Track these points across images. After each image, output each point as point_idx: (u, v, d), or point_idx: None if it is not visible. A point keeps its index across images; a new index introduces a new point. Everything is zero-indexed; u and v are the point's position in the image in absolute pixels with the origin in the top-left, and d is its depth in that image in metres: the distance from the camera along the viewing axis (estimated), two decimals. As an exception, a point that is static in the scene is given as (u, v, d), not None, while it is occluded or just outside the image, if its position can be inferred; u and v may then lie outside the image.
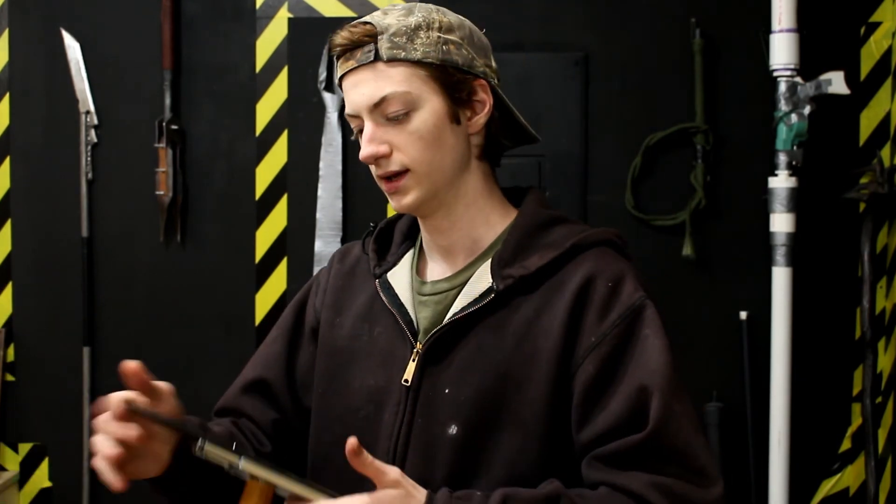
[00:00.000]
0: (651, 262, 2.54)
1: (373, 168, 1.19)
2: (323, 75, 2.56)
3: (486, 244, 1.23)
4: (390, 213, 2.55)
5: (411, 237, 1.31)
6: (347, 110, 1.19)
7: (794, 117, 2.40)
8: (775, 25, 2.39)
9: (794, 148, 2.41)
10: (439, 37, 1.17)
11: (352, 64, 1.16)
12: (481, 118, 1.21)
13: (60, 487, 2.66)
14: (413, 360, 1.18)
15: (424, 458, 1.16)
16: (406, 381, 1.18)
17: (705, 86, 2.50)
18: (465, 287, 1.19)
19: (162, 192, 2.58)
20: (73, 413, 2.62)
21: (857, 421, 2.55)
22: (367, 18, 1.18)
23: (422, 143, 1.16)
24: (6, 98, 2.63)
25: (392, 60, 1.15)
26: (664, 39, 2.54)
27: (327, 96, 2.58)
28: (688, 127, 2.51)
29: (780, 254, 2.43)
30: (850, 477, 2.56)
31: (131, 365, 1.11)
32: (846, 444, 2.56)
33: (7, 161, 2.64)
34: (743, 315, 2.52)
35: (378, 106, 1.15)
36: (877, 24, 2.52)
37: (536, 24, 2.56)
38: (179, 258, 2.63)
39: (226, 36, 2.61)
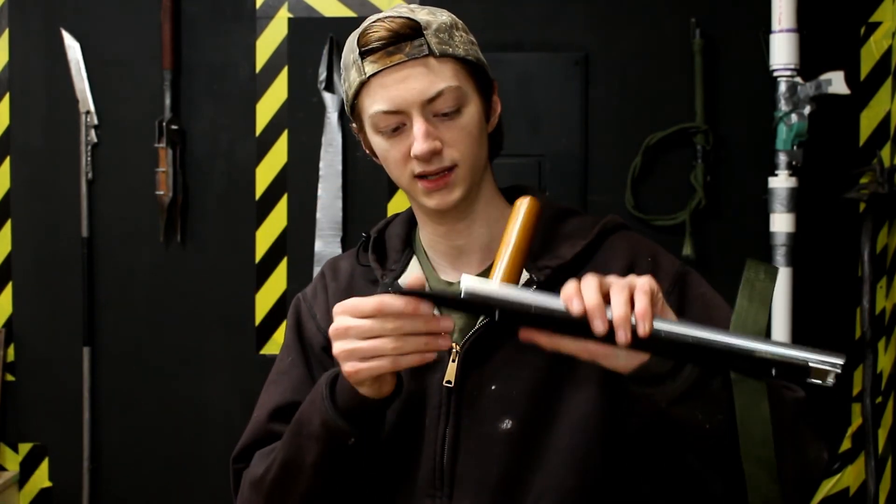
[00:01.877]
0: (651, 262, 2.54)
1: (417, 166, 1.16)
2: (323, 75, 2.56)
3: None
4: (390, 213, 2.55)
5: (409, 244, 1.29)
6: (387, 107, 1.15)
7: (794, 117, 2.40)
8: (775, 25, 2.39)
9: (794, 148, 2.41)
10: (467, 36, 1.20)
11: (400, 58, 1.14)
12: (496, 118, 1.24)
13: (60, 487, 2.66)
14: (453, 361, 1.18)
15: (477, 456, 1.16)
16: (448, 382, 1.17)
17: (705, 86, 2.50)
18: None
19: (162, 192, 2.58)
20: (73, 413, 2.62)
21: (857, 421, 2.55)
22: (395, 14, 1.16)
23: (470, 140, 1.17)
24: (6, 98, 2.63)
25: (443, 56, 1.15)
26: (664, 39, 2.54)
27: (327, 96, 2.57)
28: (688, 127, 2.51)
29: (780, 254, 2.43)
30: (850, 477, 2.56)
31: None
32: (846, 444, 2.56)
33: (7, 161, 2.64)
34: (743, 315, 2.52)
35: (431, 101, 1.14)
36: (877, 24, 2.52)
37: (536, 24, 2.56)
38: (179, 258, 2.63)
39: (226, 36, 2.61)
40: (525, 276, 1.18)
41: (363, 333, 1.04)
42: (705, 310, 1.17)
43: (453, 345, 1.17)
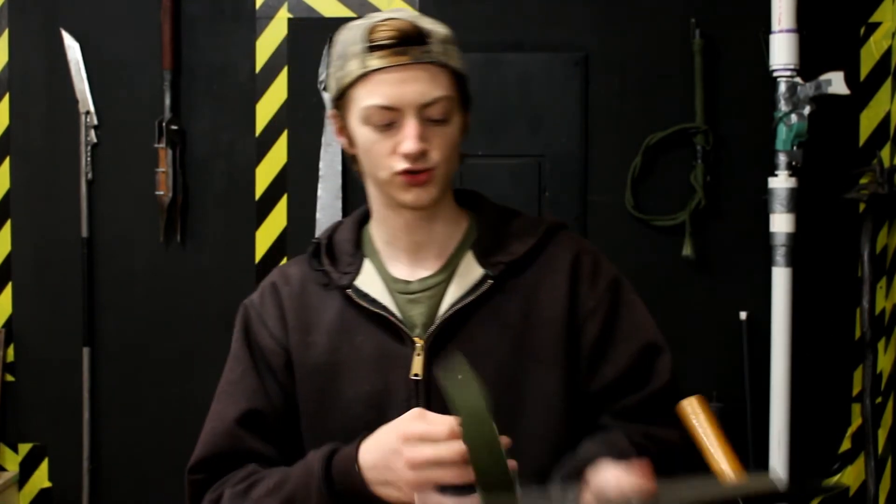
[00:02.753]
0: (651, 262, 2.54)
1: (402, 163, 1.20)
2: (323, 75, 2.56)
3: (457, 239, 1.30)
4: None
5: (359, 247, 1.33)
6: (385, 102, 1.19)
7: (794, 117, 2.40)
8: (775, 25, 2.39)
9: (794, 148, 2.41)
10: (460, 52, 1.26)
11: (406, 59, 1.18)
12: (466, 134, 1.30)
13: (60, 487, 2.66)
14: (418, 355, 1.23)
15: None
16: (416, 375, 1.22)
17: (705, 86, 2.50)
18: (455, 279, 1.27)
19: (162, 192, 2.58)
20: (73, 413, 2.62)
21: (857, 421, 2.55)
22: (403, 17, 1.21)
23: (451, 148, 1.23)
24: (6, 98, 2.63)
25: (444, 66, 1.22)
26: (664, 39, 2.54)
27: (327, 96, 2.57)
28: (688, 127, 2.51)
29: (780, 254, 2.43)
30: (850, 477, 2.56)
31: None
32: (846, 444, 2.56)
33: (7, 161, 2.64)
34: (743, 315, 2.52)
35: (427, 106, 1.19)
36: (877, 24, 2.52)
37: (536, 24, 2.56)
38: (179, 258, 2.62)
39: (226, 36, 2.61)
40: (480, 271, 1.26)
41: (439, 460, 1.06)
42: (632, 313, 1.29)
43: (416, 340, 1.23)
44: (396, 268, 1.30)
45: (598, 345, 1.26)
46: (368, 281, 1.28)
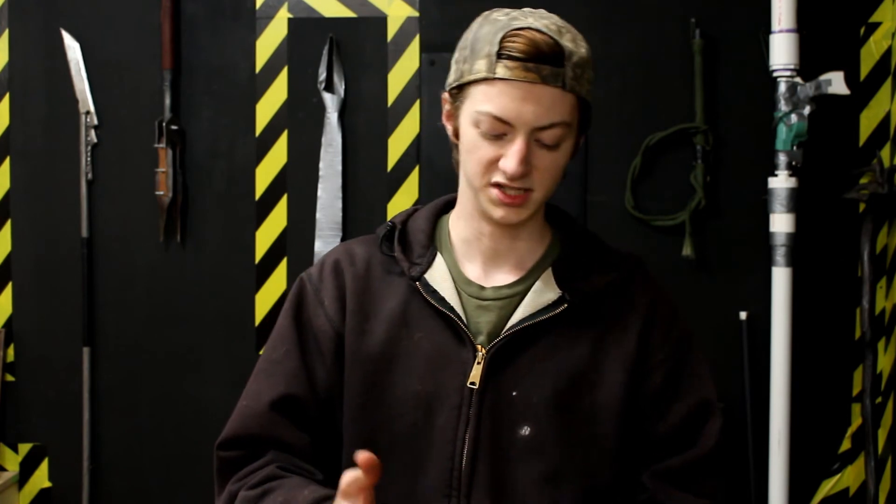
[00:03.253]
0: (651, 262, 2.52)
1: (499, 176, 1.17)
2: (323, 75, 2.56)
3: (538, 255, 1.28)
4: (390, 214, 2.55)
5: (432, 239, 1.30)
6: (500, 114, 1.15)
7: (793, 117, 2.40)
8: (775, 25, 2.39)
9: (794, 148, 2.41)
10: (593, 75, 1.22)
11: (535, 78, 1.14)
12: (574, 156, 1.27)
13: (60, 487, 2.66)
14: (478, 364, 1.20)
15: (497, 459, 1.18)
16: (472, 383, 1.19)
17: (705, 86, 2.50)
18: (529, 295, 1.23)
19: (162, 193, 2.58)
20: (73, 413, 2.62)
21: (857, 421, 2.55)
22: (546, 31, 1.16)
23: (555, 173, 1.20)
24: (6, 98, 2.63)
25: (571, 91, 1.17)
26: (664, 39, 2.54)
27: (327, 96, 2.57)
28: (688, 127, 2.51)
29: (780, 254, 2.43)
30: (850, 477, 2.56)
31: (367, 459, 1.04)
32: (846, 445, 2.56)
33: (7, 161, 2.64)
34: (743, 315, 2.52)
35: (542, 129, 1.16)
36: (877, 25, 2.52)
37: (536, 24, 2.56)
38: (179, 258, 2.63)
39: (226, 36, 2.61)
40: (557, 292, 1.23)
41: None
42: (697, 373, 1.27)
43: (479, 347, 1.20)
44: (470, 269, 1.27)
45: (657, 397, 1.24)
46: (439, 277, 1.25)
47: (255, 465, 1.24)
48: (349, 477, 1.02)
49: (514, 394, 1.19)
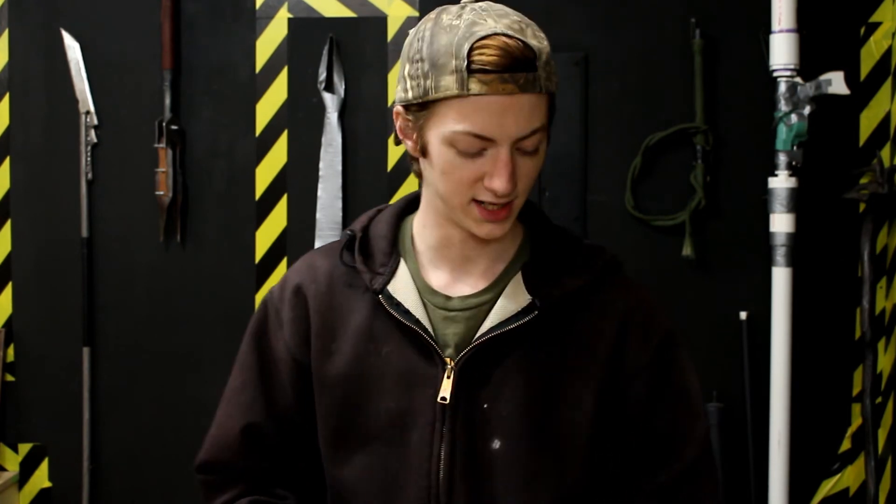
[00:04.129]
0: (651, 262, 2.54)
1: (485, 194, 1.10)
2: (323, 75, 2.56)
3: (508, 258, 1.22)
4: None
5: (395, 245, 1.23)
6: (477, 131, 1.07)
7: (794, 117, 2.40)
8: (775, 25, 2.39)
9: (794, 148, 2.41)
10: (555, 65, 1.14)
11: (512, 88, 1.06)
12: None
13: (60, 487, 2.66)
14: (448, 378, 1.15)
15: (473, 474, 1.15)
16: (444, 398, 1.14)
17: (705, 86, 2.50)
18: (499, 303, 1.17)
19: (162, 192, 2.58)
20: (73, 413, 2.62)
21: (857, 421, 2.55)
22: (512, 33, 1.08)
23: (534, 178, 1.14)
24: (6, 98, 2.63)
25: (546, 93, 1.10)
26: (664, 39, 2.54)
27: (327, 96, 2.57)
28: (688, 127, 2.51)
29: (780, 254, 2.43)
30: (850, 477, 2.56)
31: None
32: (846, 444, 2.56)
33: (7, 161, 2.64)
34: (743, 315, 2.52)
35: (524, 139, 1.09)
36: (877, 24, 2.52)
37: (536, 24, 2.55)
38: (179, 258, 2.62)
39: (226, 36, 2.61)
40: (527, 298, 1.16)
41: None
42: (683, 377, 1.22)
43: (447, 360, 1.16)
44: (435, 277, 1.20)
45: (640, 406, 1.19)
46: (402, 288, 1.18)
47: (227, 497, 1.27)
48: None
49: (485, 406, 1.15)
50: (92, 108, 2.61)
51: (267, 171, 2.61)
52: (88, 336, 2.62)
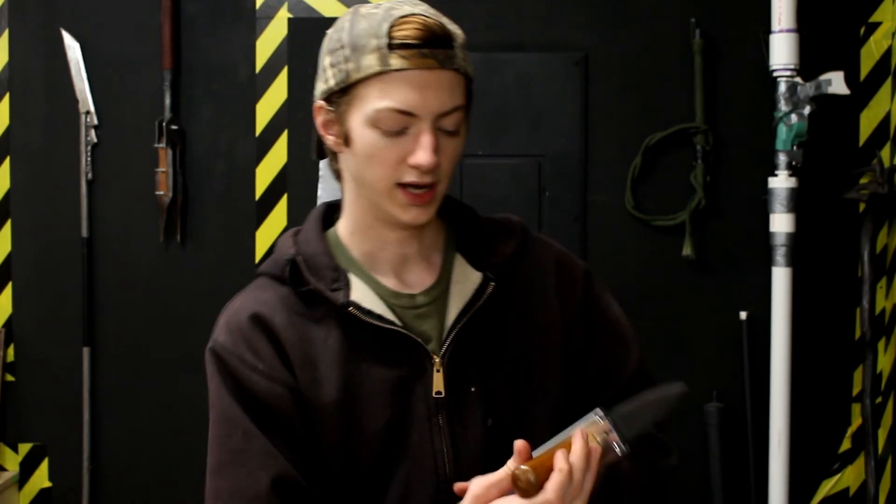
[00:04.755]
0: (651, 262, 2.54)
1: (409, 174, 1.11)
2: (323, 75, 2.56)
3: (441, 247, 1.24)
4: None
5: (333, 258, 1.20)
6: (403, 107, 1.09)
7: (794, 117, 2.40)
8: (775, 25, 2.39)
9: (794, 148, 2.41)
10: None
11: (432, 63, 1.09)
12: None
13: (60, 487, 2.66)
14: (438, 371, 1.15)
15: (476, 458, 1.16)
16: (438, 392, 1.15)
17: (705, 86, 2.50)
18: (454, 287, 1.19)
19: (162, 192, 2.58)
20: (73, 413, 2.62)
21: (857, 421, 2.55)
22: (427, 14, 1.12)
23: (456, 161, 1.16)
24: (6, 98, 2.63)
25: (464, 73, 1.13)
26: (664, 39, 2.54)
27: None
28: (688, 127, 2.51)
29: (780, 254, 2.43)
30: (850, 477, 2.56)
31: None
32: (846, 444, 2.56)
33: (7, 161, 2.64)
34: (743, 315, 2.52)
35: (445, 115, 1.11)
36: (877, 24, 2.52)
37: (536, 24, 2.56)
38: (179, 258, 2.62)
39: (226, 36, 2.61)
40: (477, 275, 1.19)
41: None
42: (609, 305, 1.28)
43: (434, 356, 1.16)
44: (386, 282, 1.19)
45: (584, 345, 1.25)
46: (364, 297, 1.16)
47: None
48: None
49: (472, 390, 1.17)
50: (92, 108, 2.61)
51: (267, 171, 2.61)
52: (88, 336, 2.62)
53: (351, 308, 1.14)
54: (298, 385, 1.14)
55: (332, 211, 1.26)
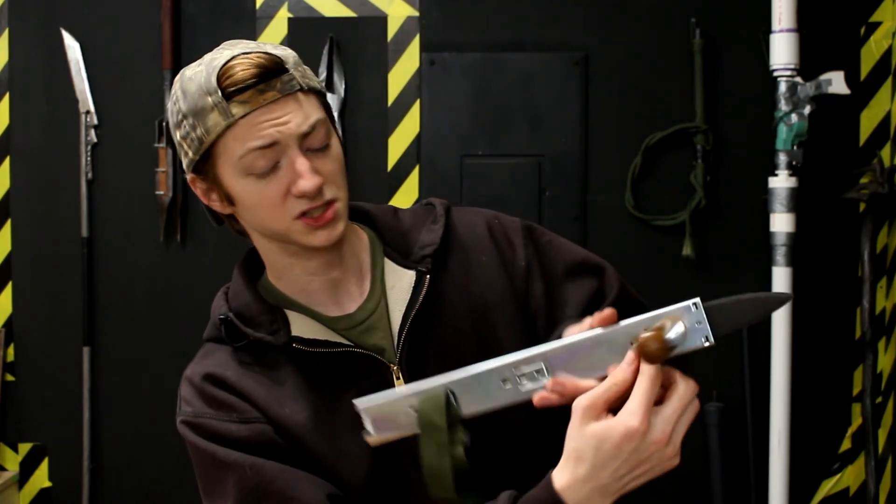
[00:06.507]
0: (651, 262, 2.54)
1: (299, 204, 1.10)
2: (323, 75, 2.56)
3: (366, 256, 1.23)
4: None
5: (267, 304, 1.20)
6: (261, 142, 1.08)
7: (794, 117, 2.40)
8: (775, 25, 2.39)
9: (794, 148, 2.41)
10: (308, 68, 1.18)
11: (274, 95, 1.08)
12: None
13: (60, 487, 2.66)
14: (398, 379, 1.16)
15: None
16: None
17: (705, 86, 2.51)
18: (389, 294, 1.20)
19: (162, 192, 2.58)
20: (73, 413, 2.62)
21: (857, 421, 2.55)
22: (251, 50, 1.12)
23: (342, 172, 1.15)
24: (6, 98, 2.63)
25: (310, 90, 1.13)
26: (664, 39, 2.54)
27: (327, 96, 2.57)
28: (688, 127, 2.51)
29: (780, 254, 2.43)
30: (850, 477, 2.56)
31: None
32: (846, 444, 2.56)
33: (7, 161, 2.64)
34: (743, 315, 2.52)
35: (307, 136, 1.10)
36: (877, 24, 2.52)
37: (536, 24, 2.56)
38: (179, 258, 2.63)
39: (226, 36, 2.59)
40: (410, 274, 1.19)
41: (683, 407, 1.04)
42: (560, 250, 1.26)
43: (391, 366, 1.16)
44: (325, 309, 1.19)
45: (548, 296, 1.23)
46: (306, 329, 1.17)
47: None
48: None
49: None
50: (92, 108, 2.61)
51: (267, 171, 2.61)
52: (88, 336, 2.62)
53: (295, 344, 1.14)
54: (273, 421, 1.14)
55: (255, 257, 1.28)
